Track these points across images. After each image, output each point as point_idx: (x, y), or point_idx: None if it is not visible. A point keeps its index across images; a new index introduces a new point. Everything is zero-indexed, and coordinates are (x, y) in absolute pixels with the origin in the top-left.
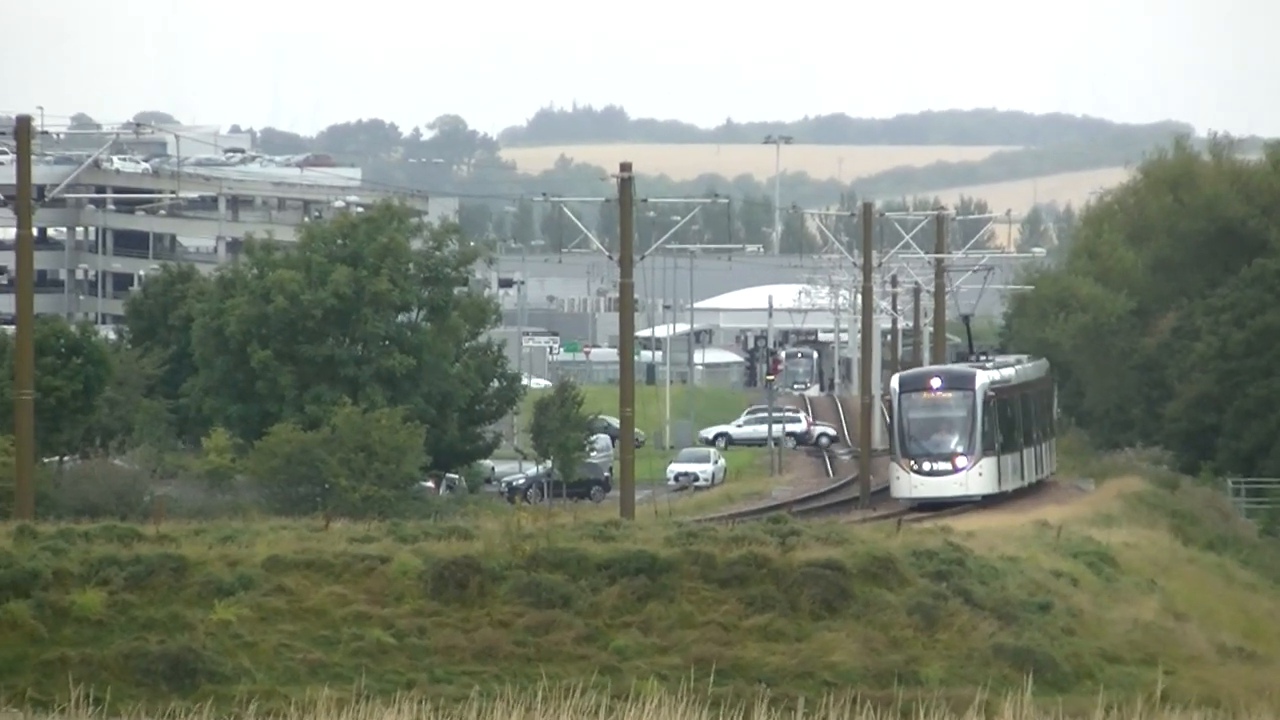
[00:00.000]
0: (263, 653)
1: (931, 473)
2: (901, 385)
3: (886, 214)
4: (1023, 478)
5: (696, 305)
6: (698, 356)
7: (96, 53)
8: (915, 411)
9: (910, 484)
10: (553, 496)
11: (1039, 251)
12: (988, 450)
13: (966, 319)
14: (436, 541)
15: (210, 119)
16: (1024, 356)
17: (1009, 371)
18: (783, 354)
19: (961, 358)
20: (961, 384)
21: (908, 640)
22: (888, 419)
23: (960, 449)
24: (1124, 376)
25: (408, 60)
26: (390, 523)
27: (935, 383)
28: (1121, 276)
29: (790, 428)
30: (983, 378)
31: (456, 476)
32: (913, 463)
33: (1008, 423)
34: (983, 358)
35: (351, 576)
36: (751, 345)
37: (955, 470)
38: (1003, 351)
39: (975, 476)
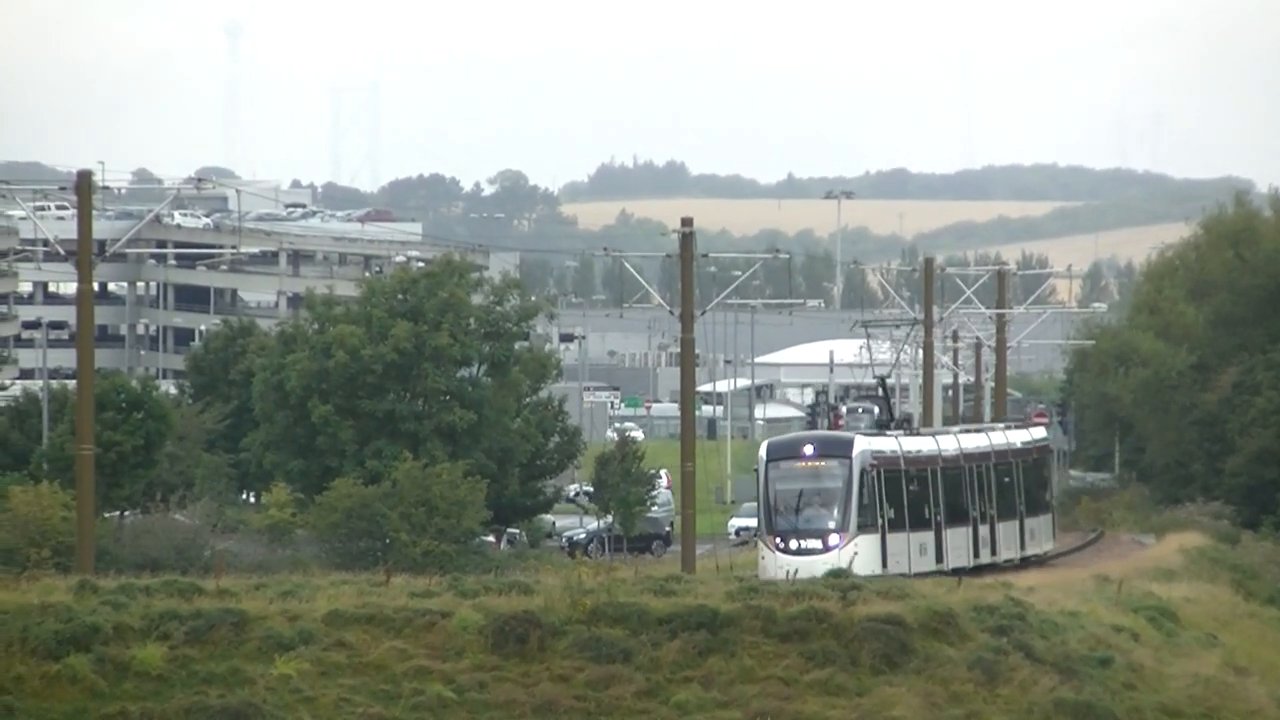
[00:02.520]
0: (323, 707)
1: (800, 551)
2: (769, 453)
3: (948, 269)
4: (939, 560)
5: (757, 360)
6: (759, 411)
7: (157, 108)
8: (783, 483)
9: (776, 564)
10: (613, 551)
11: (1100, 306)
12: (867, 527)
13: (882, 380)
14: (497, 596)
15: (271, 174)
16: (1011, 423)
17: (914, 441)
18: (844, 409)
19: (882, 425)
20: (837, 452)
21: (968, 695)
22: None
23: (833, 525)
24: (1185, 431)
25: (468, 115)
26: (451, 577)
27: (807, 450)
28: (1182, 331)
29: None
30: (862, 445)
31: (517, 531)
32: (779, 540)
33: (905, 498)
34: (905, 426)
35: (412, 631)
36: (813, 400)
37: (826, 549)
38: (1063, 407)
39: (850, 556)
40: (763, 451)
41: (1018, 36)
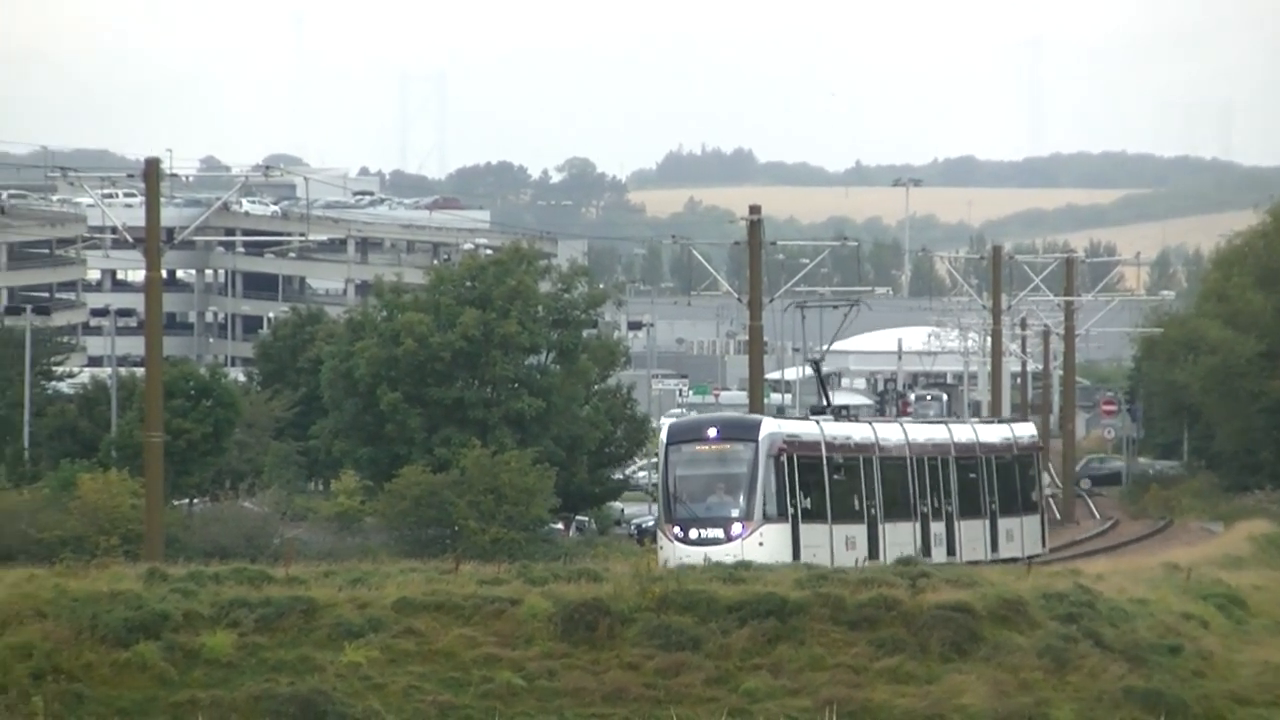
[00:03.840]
0: (392, 695)
1: (700, 541)
2: (670, 436)
3: (1016, 256)
4: (873, 555)
5: (826, 347)
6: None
7: (225, 96)
8: (684, 468)
9: (675, 555)
10: None
11: (1168, 294)
12: (775, 516)
13: (815, 364)
14: (566, 584)
15: (339, 161)
16: (998, 419)
17: (845, 428)
18: (912, 397)
19: (816, 411)
20: (742, 434)
21: (1037, 683)
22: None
23: (736, 513)
24: (1253, 419)
25: (536, 103)
26: (519, 565)
27: (710, 433)
28: (1250, 319)
29: None
30: (771, 427)
31: (586, 519)
32: (678, 529)
33: (827, 487)
34: (844, 410)
35: (481, 619)
36: (881, 388)
37: (729, 538)
38: (1132, 396)
39: (754, 546)
40: (664, 434)
41: (1087, 24)
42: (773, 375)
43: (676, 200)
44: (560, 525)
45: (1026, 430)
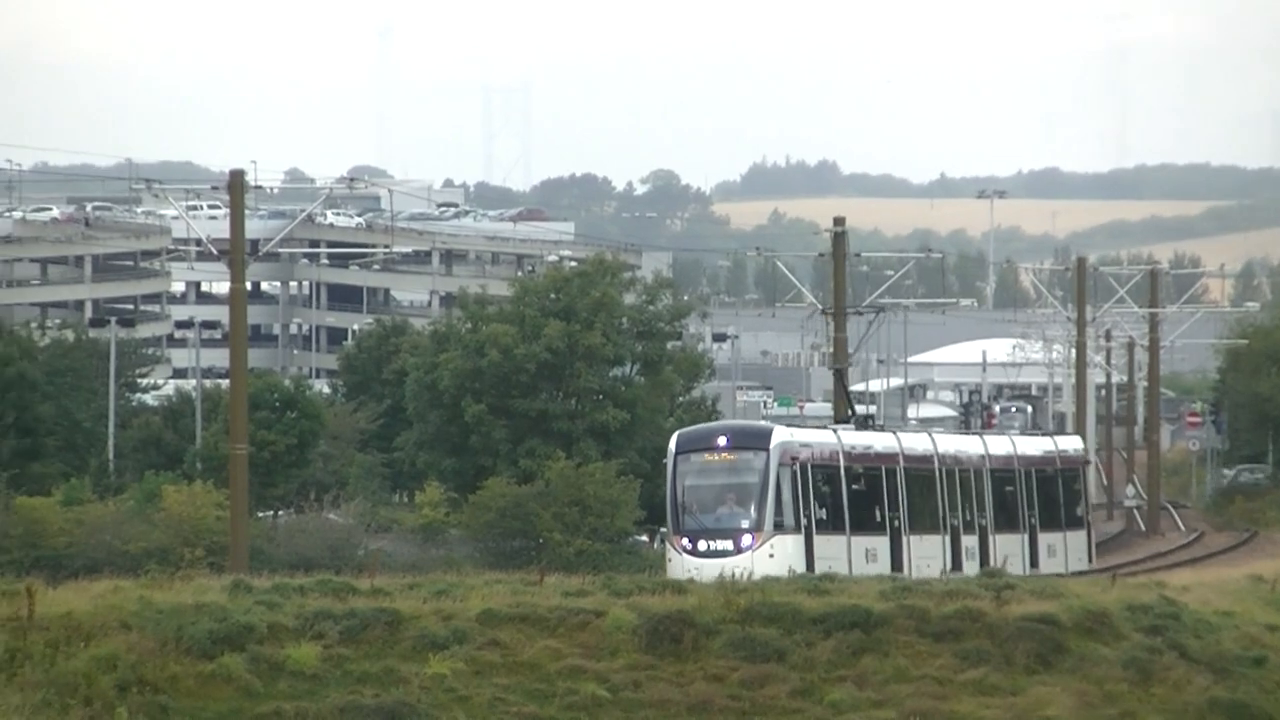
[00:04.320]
0: (477, 707)
1: (709, 553)
2: (678, 445)
3: (1100, 268)
4: (896, 568)
5: (910, 359)
6: (911, 411)
7: (310, 108)
8: (693, 478)
9: (683, 567)
10: None
11: (1252, 306)
12: (786, 526)
13: (839, 373)
14: (650, 596)
15: (423, 173)
16: (1041, 432)
17: (866, 438)
18: (997, 408)
19: (840, 420)
20: (753, 443)
21: (1122, 695)
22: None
23: (746, 524)
24: None
25: (620, 115)
26: (604, 577)
27: (720, 441)
28: None
29: None
30: (783, 436)
31: None
32: (686, 540)
33: (844, 497)
34: (868, 420)
35: (566, 630)
36: (965, 400)
37: (738, 550)
38: (1216, 407)
39: (765, 559)
40: (672, 443)
41: (1172, 35)
42: (857, 387)
43: (761, 212)
44: (644, 537)
45: (1072, 443)
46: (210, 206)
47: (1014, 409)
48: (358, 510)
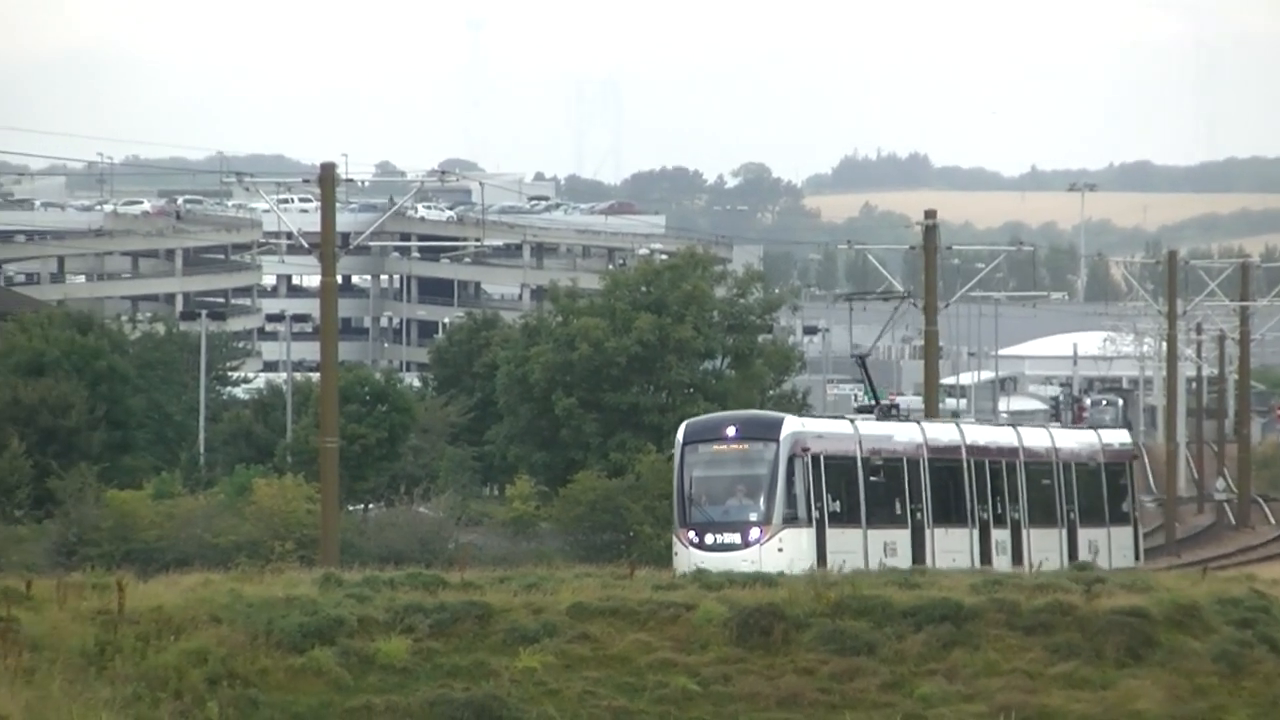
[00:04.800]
0: (567, 700)
1: (716, 546)
2: (686, 436)
3: (1191, 261)
4: (918, 562)
5: (1001, 352)
6: (1002, 404)
7: (400, 101)
8: (701, 469)
9: (689, 560)
10: None
11: None
12: (796, 519)
13: (861, 359)
14: (741, 589)
15: (514, 167)
16: (1089, 426)
17: (886, 428)
18: (1088, 401)
19: (864, 409)
20: (762, 434)
21: (1212, 688)
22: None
23: (754, 517)
24: None
25: (711, 108)
26: (694, 570)
27: (729, 432)
28: None
29: None
30: (794, 426)
31: None
32: (693, 534)
33: (861, 490)
34: (894, 410)
35: (656, 624)
36: (1056, 393)
37: (746, 544)
38: None
39: (773, 552)
40: (680, 433)
41: (1261, 29)
42: (948, 380)
43: (852, 205)
44: None
45: (1118, 438)
46: (301, 200)
47: (1104, 402)
48: (448, 504)
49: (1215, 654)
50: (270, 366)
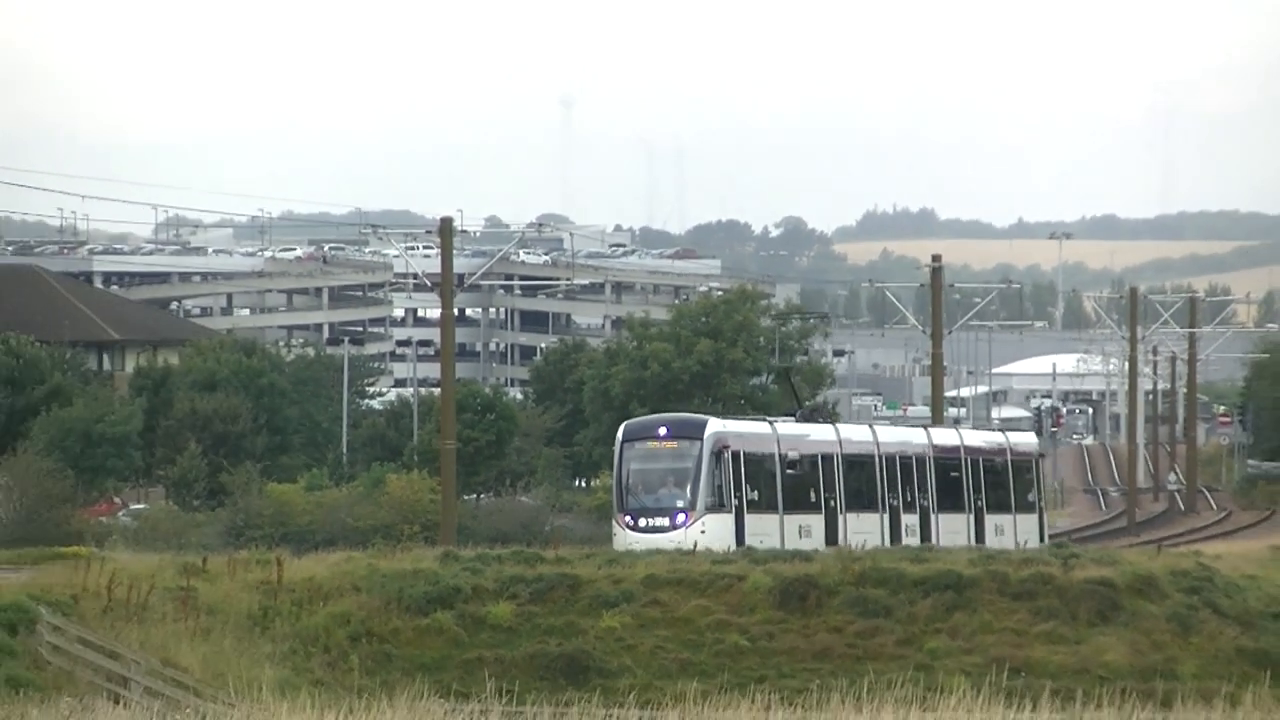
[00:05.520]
0: (641, 653)
1: (648, 529)
2: (625, 434)
3: (1149, 296)
4: (831, 541)
5: (994, 371)
6: (995, 413)
7: (505, 164)
8: (637, 462)
9: (625, 541)
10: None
11: (1273, 327)
12: (717, 506)
13: (786, 371)
14: (783, 564)
15: (598, 219)
16: (999, 428)
17: (802, 429)
18: (1064, 410)
19: (788, 413)
20: (689, 433)
21: (1166, 643)
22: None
23: (680, 504)
24: None
25: (758, 170)
26: (744, 549)
27: (661, 431)
28: None
29: None
30: (716, 427)
31: None
32: (629, 518)
33: (778, 481)
34: (814, 413)
35: (714, 592)
36: (1038, 404)
37: (674, 527)
38: (1243, 410)
39: (697, 534)
40: (620, 431)
41: (1209, 105)
42: (950, 393)
43: (872, 251)
44: None
45: (1025, 439)
46: (425, 247)
47: (1078, 411)
48: (544, 494)
49: (1169, 615)
50: (400, 383)
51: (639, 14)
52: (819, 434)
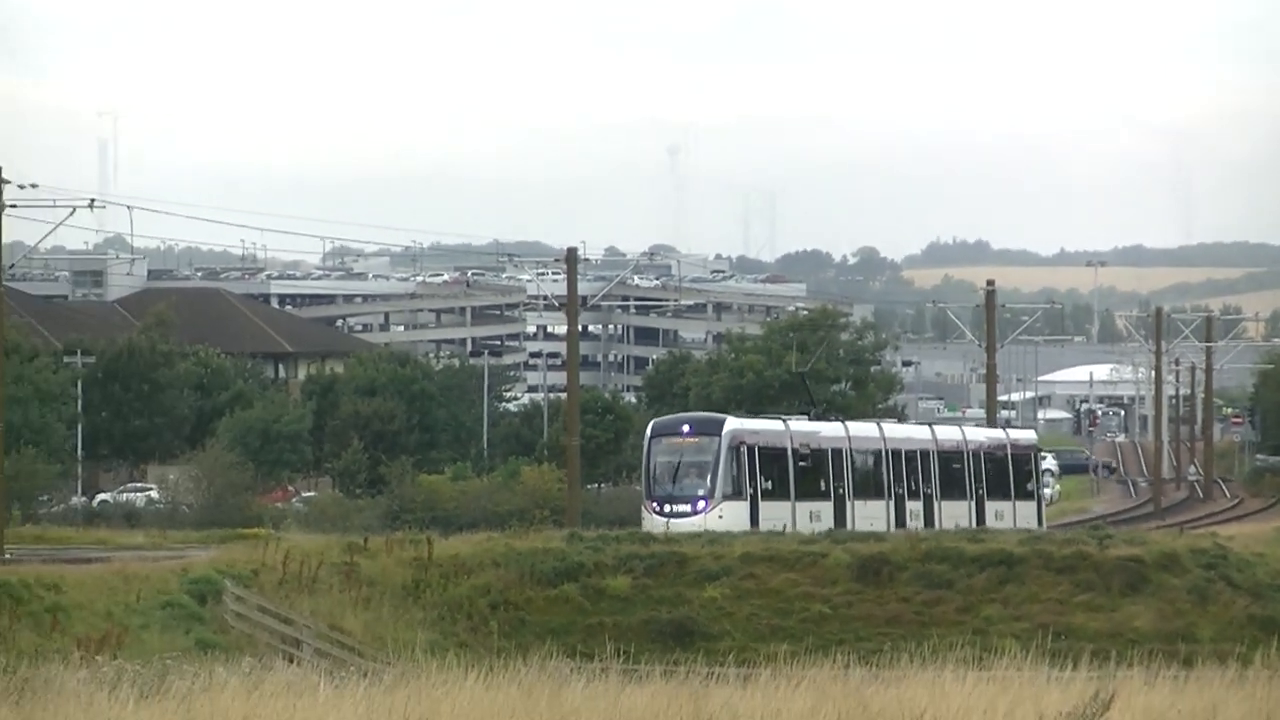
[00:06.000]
0: (738, 620)
1: (672, 514)
2: (652, 431)
3: (1172, 316)
4: (840, 524)
5: (1039, 379)
6: (1040, 414)
7: (621, 200)
8: (663, 455)
9: (653, 524)
10: None
11: (1278, 341)
12: (733, 494)
13: (803, 375)
14: (860, 543)
15: (701, 249)
16: (1006, 426)
17: (813, 426)
18: (1099, 412)
19: (804, 413)
20: (708, 429)
21: (1187, 611)
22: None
23: (701, 492)
24: None
25: (837, 205)
26: (827, 532)
27: (684, 429)
28: None
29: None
30: (733, 425)
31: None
32: (655, 504)
33: (791, 472)
34: (829, 415)
35: (800, 566)
36: (1078, 407)
37: (694, 512)
38: (1252, 412)
39: (715, 519)
40: (648, 429)
41: (1224, 150)
42: (1002, 398)
43: (935, 276)
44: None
45: (1024, 435)
46: (553, 273)
47: (1111, 413)
48: None
49: (1189, 588)
50: (532, 389)
51: (737, 73)
52: (829, 431)
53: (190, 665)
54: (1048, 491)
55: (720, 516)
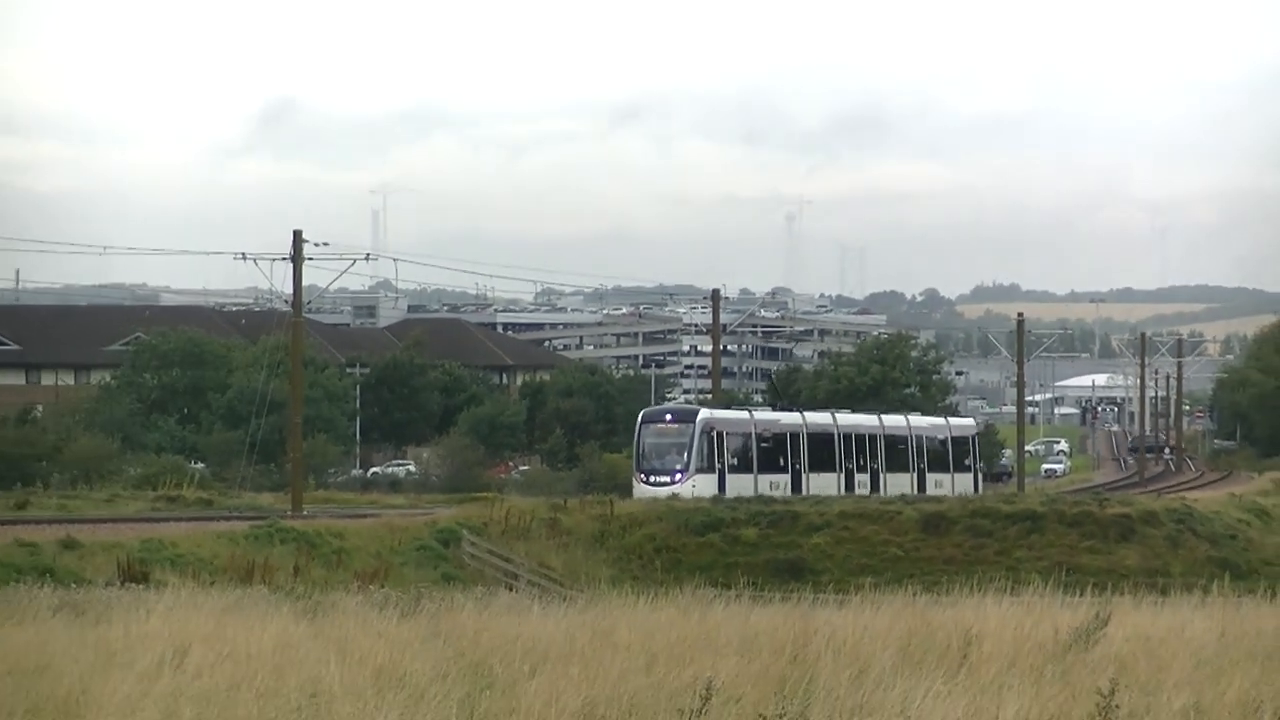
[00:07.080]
0: (836, 560)
1: (656, 484)
2: (643, 419)
3: (1153, 338)
4: (796, 491)
5: (1055, 384)
6: (1056, 410)
7: (752, 248)
8: (650, 438)
9: (641, 492)
10: (985, 483)
11: (1229, 357)
12: (704, 469)
13: (771, 377)
14: (925, 504)
15: (810, 288)
16: (947, 416)
17: (775, 415)
18: (1100, 409)
19: (773, 407)
20: (685, 418)
21: (1163, 553)
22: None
23: (678, 467)
24: (1276, 420)
25: (908, 256)
26: (901, 497)
27: (667, 417)
28: (1273, 369)
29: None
30: (704, 415)
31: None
32: (644, 476)
33: (754, 452)
34: (795, 408)
35: (882, 520)
36: (1084, 405)
37: (673, 482)
38: (1211, 408)
39: (689, 488)
40: (640, 416)
41: (1192, 213)
42: (1029, 398)
43: (980, 310)
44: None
45: (964, 423)
46: (702, 308)
47: (1108, 410)
48: None
49: (1165, 536)
50: (686, 392)
51: (839, 160)
52: (787, 419)
53: (437, 592)
54: (1059, 466)
55: (693, 486)
